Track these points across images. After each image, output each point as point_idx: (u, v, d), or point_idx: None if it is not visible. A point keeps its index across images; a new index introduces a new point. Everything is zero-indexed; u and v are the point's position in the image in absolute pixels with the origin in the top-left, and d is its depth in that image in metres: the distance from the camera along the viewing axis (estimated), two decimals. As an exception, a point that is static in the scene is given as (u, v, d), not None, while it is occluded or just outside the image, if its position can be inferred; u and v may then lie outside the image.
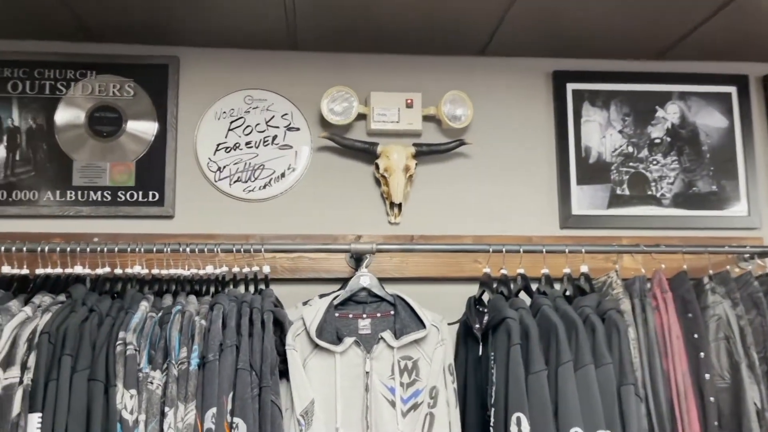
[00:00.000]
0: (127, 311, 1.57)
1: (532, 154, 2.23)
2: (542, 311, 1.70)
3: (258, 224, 2.07)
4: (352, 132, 2.16)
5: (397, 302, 1.79)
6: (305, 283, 2.03)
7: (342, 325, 1.78)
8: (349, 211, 2.12)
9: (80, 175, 2.01)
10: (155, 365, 1.49)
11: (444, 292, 2.08)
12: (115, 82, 2.06)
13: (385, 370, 1.72)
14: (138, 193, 2.02)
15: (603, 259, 2.10)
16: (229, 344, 1.50)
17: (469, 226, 2.16)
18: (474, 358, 1.83)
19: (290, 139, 2.12)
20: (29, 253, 1.70)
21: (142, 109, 2.06)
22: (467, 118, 2.14)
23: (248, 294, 1.68)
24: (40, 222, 1.98)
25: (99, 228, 1.99)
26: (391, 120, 2.11)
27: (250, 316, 1.57)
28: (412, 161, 2.09)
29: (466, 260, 2.08)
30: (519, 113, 2.24)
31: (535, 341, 1.62)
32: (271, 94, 2.13)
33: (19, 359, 1.46)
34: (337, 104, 2.08)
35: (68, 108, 2.04)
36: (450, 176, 2.19)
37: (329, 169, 2.14)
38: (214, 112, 2.10)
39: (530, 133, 2.24)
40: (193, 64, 2.12)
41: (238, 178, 2.07)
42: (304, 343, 1.72)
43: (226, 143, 2.09)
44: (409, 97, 2.13)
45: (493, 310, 1.74)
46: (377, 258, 2.05)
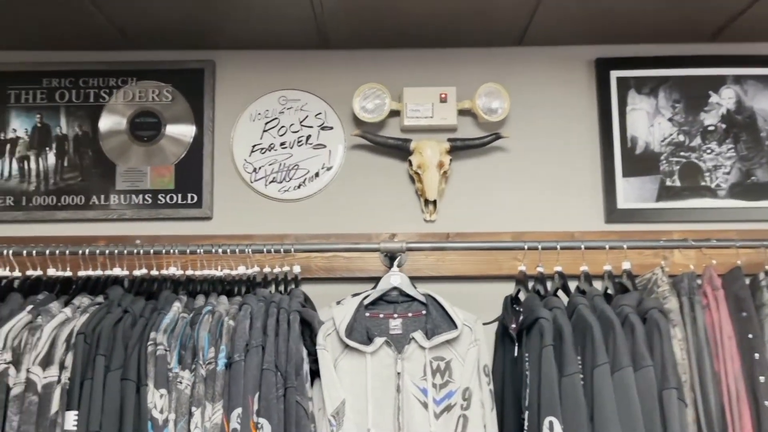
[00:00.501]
0: (160, 312, 1.61)
1: (574, 146, 2.14)
2: (578, 311, 1.63)
3: (293, 224, 2.08)
4: (385, 129, 2.13)
5: (429, 302, 1.76)
6: (340, 283, 2.02)
7: (373, 325, 1.76)
8: (384, 209, 2.10)
9: (123, 179, 2.07)
10: (185, 365, 1.52)
11: (481, 291, 2.04)
12: (154, 88, 2.12)
13: (416, 371, 1.69)
14: (177, 195, 2.06)
15: (651, 255, 1.99)
16: (255, 345, 1.51)
17: (508, 223, 2.10)
18: (511, 359, 1.78)
19: (324, 138, 2.12)
20: (72, 256, 1.76)
21: (180, 113, 2.11)
22: (504, 111, 2.08)
23: (277, 294, 1.69)
24: (86, 225, 2.06)
25: (141, 230, 2.05)
26: (425, 115, 2.07)
27: (277, 317, 1.58)
28: (447, 157, 2.05)
29: (505, 258, 2.02)
30: (559, 104, 2.16)
31: (568, 342, 1.55)
32: (304, 94, 2.14)
33: (58, 359, 1.51)
34: (369, 102, 2.06)
35: (111, 115, 2.11)
36: (487, 171, 2.13)
37: (363, 167, 2.12)
38: (249, 113, 2.12)
39: (571, 124, 2.15)
40: (228, 68, 2.15)
41: (274, 178, 2.09)
42: (335, 343, 1.71)
43: (261, 144, 2.10)
44: (443, 91, 2.08)
45: (527, 309, 1.69)
46: (412, 257, 2.02)
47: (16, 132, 2.09)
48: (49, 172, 2.07)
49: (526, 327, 1.66)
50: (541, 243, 1.78)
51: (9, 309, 1.61)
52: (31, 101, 2.10)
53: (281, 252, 1.76)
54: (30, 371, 1.49)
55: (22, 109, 2.10)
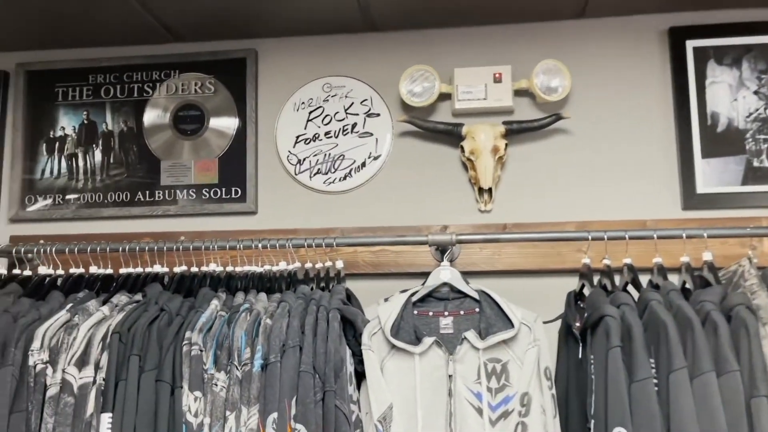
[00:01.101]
0: (197, 310, 1.54)
1: (645, 126, 1.94)
2: (650, 307, 1.44)
3: (339, 217, 1.98)
4: (435, 114, 2.00)
5: (482, 298, 1.62)
6: (388, 278, 1.91)
7: (421, 323, 1.64)
8: (436, 199, 1.97)
9: (167, 175, 2.03)
10: (220, 366, 1.44)
11: (542, 287, 1.88)
12: (196, 80, 2.06)
13: (470, 374, 1.56)
14: (221, 189, 2.00)
15: (737, 245, 1.79)
16: (292, 345, 1.41)
17: (572, 212, 1.92)
18: (575, 362, 1.61)
19: (370, 126, 2.00)
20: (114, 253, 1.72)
21: (223, 105, 2.04)
22: (564, 89, 1.90)
23: (317, 291, 1.59)
24: (131, 222, 2.03)
25: (186, 226, 2.00)
26: (478, 97, 1.92)
27: (316, 315, 1.48)
28: (502, 141, 1.89)
29: (568, 250, 1.86)
30: (627, 80, 1.96)
31: (639, 343, 1.37)
32: (349, 80, 2.03)
33: (94, 359, 1.47)
34: (417, 85, 1.93)
35: (154, 109, 2.07)
36: (547, 156, 1.96)
37: (413, 155, 1.99)
38: (293, 103, 2.03)
39: (642, 102, 1.95)
40: (271, 56, 2.07)
41: (318, 170, 1.99)
42: (381, 343, 1.60)
43: (306, 134, 2.01)
44: (497, 70, 1.93)
45: (590, 306, 1.52)
46: (466, 250, 1.89)
47: (64, 130, 2.08)
48: (96, 169, 2.05)
49: (590, 326, 1.49)
50: (608, 232, 1.60)
51: (49, 308, 1.58)
52: (78, 98, 2.09)
53: (323, 246, 1.66)
54: (66, 371, 1.45)
55: (70, 106, 2.09)
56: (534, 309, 1.68)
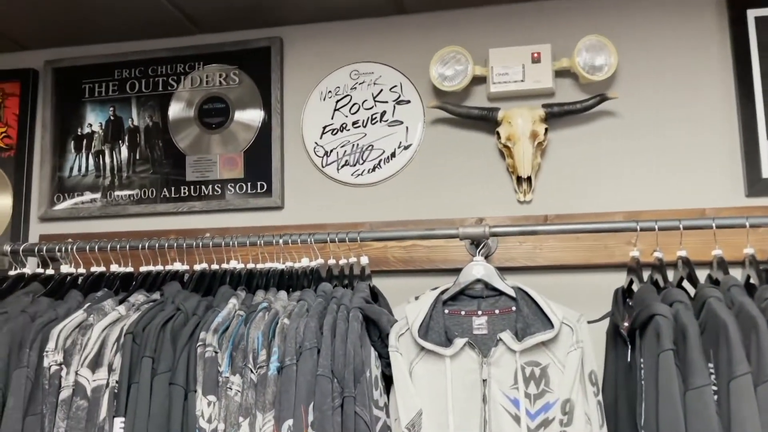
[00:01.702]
0: (215, 309, 1.46)
1: (702, 104, 1.76)
2: (708, 305, 1.28)
3: (368, 211, 1.88)
4: (470, 99, 1.87)
5: (519, 296, 1.49)
6: (420, 275, 1.80)
7: (453, 323, 1.51)
8: (471, 191, 1.84)
9: (193, 170, 1.97)
10: (236, 369, 1.36)
11: (589, 283, 1.74)
12: (221, 71, 1.99)
13: (506, 379, 1.43)
14: (246, 184, 1.93)
15: (810, 235, 1.59)
16: (309, 347, 1.31)
17: (621, 201, 1.76)
18: (624, 366, 1.46)
19: (400, 114, 1.89)
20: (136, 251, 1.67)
21: (248, 96, 1.97)
22: (610, 67, 1.74)
23: (339, 289, 1.48)
24: (157, 220, 1.97)
25: (211, 223, 1.94)
26: (515, 79, 1.78)
27: (336, 314, 1.37)
28: (541, 126, 1.74)
29: (616, 242, 1.70)
30: (680, 55, 1.78)
31: (694, 346, 1.22)
32: (378, 66, 1.92)
33: (107, 360, 1.41)
34: (449, 68, 1.81)
35: (179, 102, 2.01)
36: (592, 141, 1.80)
37: (446, 144, 1.87)
38: (320, 92, 1.94)
39: (698, 78, 1.77)
40: (296, 44, 1.98)
41: (346, 162, 1.89)
42: (409, 345, 1.48)
43: (333, 125, 1.91)
44: (536, 50, 1.78)
45: (639, 304, 1.36)
46: (503, 244, 1.75)
47: (91, 127, 2.05)
48: (123, 165, 2.01)
49: (639, 326, 1.34)
50: (659, 222, 1.44)
51: (66, 308, 1.54)
52: (104, 94, 2.05)
53: (346, 241, 1.55)
54: (78, 373, 1.40)
55: (97, 102, 2.06)
56: (579, 307, 1.54)
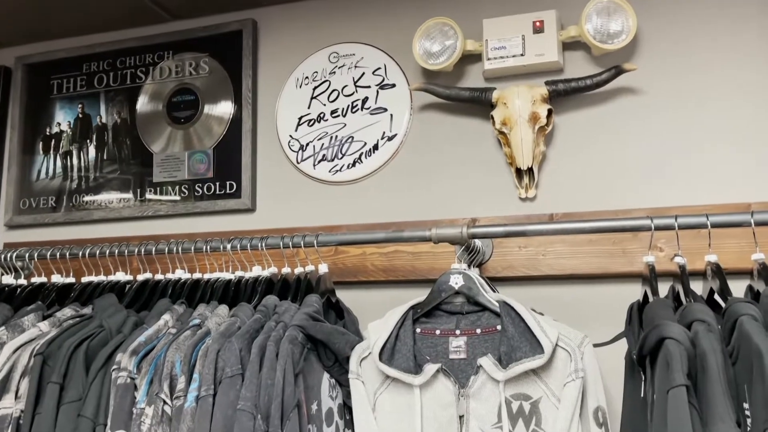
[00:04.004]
0: (144, 327, 1.25)
1: (744, 76, 1.43)
2: (740, 327, 0.97)
3: (348, 212, 1.63)
4: (465, 79, 1.60)
5: (503, 312, 1.20)
6: (404, 286, 1.54)
7: (426, 345, 1.25)
8: (467, 187, 1.57)
9: (160, 170, 1.78)
10: (152, 399, 1.13)
11: (604, 296, 1.44)
12: (190, 60, 1.80)
13: (488, 414, 1.16)
14: (215, 184, 1.72)
15: None
16: (230, 374, 1.08)
17: (644, 196, 1.45)
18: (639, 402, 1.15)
19: (384, 99, 1.64)
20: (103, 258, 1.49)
21: (219, 86, 1.76)
22: (629, 34, 1.44)
23: (284, 303, 1.24)
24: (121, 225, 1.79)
25: (177, 228, 1.74)
26: (513, 54, 1.50)
27: (270, 335, 1.14)
28: (543, 107, 1.46)
29: (636, 247, 1.39)
30: (712, 21, 1.46)
31: (716, 380, 0.91)
32: (359, 47, 1.68)
33: (14, 385, 1.22)
34: (436, 43, 1.55)
35: (147, 96, 1.83)
36: (608, 124, 1.50)
37: (437, 133, 1.60)
38: (295, 78, 1.71)
39: (737, 44, 1.44)
40: (271, 26, 1.77)
41: (323, 156, 1.66)
42: (373, 371, 1.23)
43: (309, 114, 1.68)
44: (537, 18, 1.50)
45: (649, 323, 1.06)
46: (500, 249, 1.48)
47: (60, 126, 1.90)
48: (90, 167, 1.85)
49: (649, 352, 1.04)
50: (680, 218, 1.13)
51: (-11, 323, 1.36)
52: (73, 90, 1.90)
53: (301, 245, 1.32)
54: (-18, 401, 1.21)
55: (65, 99, 1.90)
56: (592, 326, 1.28)
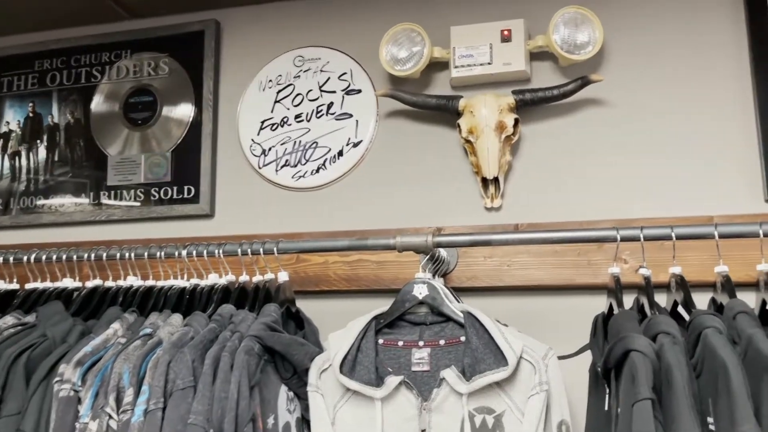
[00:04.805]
0: (91, 336, 1.18)
1: (710, 90, 1.44)
2: (704, 340, 0.96)
3: (310, 219, 1.59)
4: (432, 86, 1.58)
5: (468, 323, 1.17)
6: (368, 297, 1.50)
7: (388, 357, 1.21)
8: (432, 196, 1.54)
9: (115, 173, 1.71)
10: (96, 413, 1.07)
11: (570, 308, 1.42)
12: (149, 60, 1.74)
13: (451, 428, 1.13)
14: (172, 189, 1.66)
15: None
16: (182, 386, 1.02)
17: (611, 208, 1.44)
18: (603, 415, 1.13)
19: (350, 105, 1.60)
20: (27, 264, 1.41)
21: (179, 88, 1.71)
22: (595, 44, 1.43)
23: (241, 312, 1.19)
24: (72, 230, 1.71)
25: (132, 233, 1.67)
26: (480, 62, 1.49)
27: (225, 345, 1.08)
28: (510, 116, 1.44)
29: (602, 258, 1.38)
30: (682, 28, 1.47)
31: (681, 394, 0.89)
32: (325, 51, 1.64)
33: (-54, 400, 1.13)
34: (403, 49, 1.52)
35: (103, 96, 1.76)
36: (574, 135, 1.49)
37: (403, 140, 1.58)
38: (259, 81, 1.67)
39: (704, 57, 1.45)
40: (235, 27, 1.72)
41: (286, 162, 1.61)
42: (333, 384, 1.19)
43: (272, 119, 1.64)
44: (505, 26, 1.49)
45: (613, 335, 1.04)
46: (465, 259, 1.45)
47: (9, 125, 1.82)
48: (40, 168, 1.76)
49: (614, 364, 1.02)
50: (645, 229, 1.12)
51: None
52: (23, 87, 1.81)
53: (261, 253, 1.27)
54: None
55: (16, 97, 1.82)
56: (557, 338, 1.25)
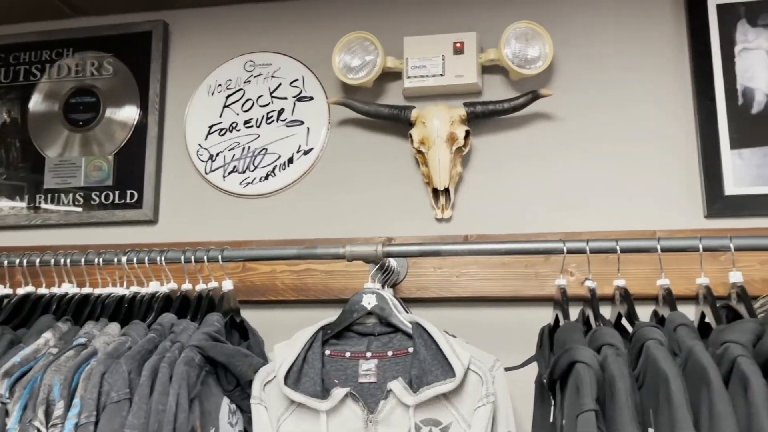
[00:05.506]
0: (21, 346, 1.12)
1: (654, 106, 1.48)
2: (646, 351, 0.97)
3: (259, 227, 1.56)
4: (385, 96, 1.57)
5: (416, 333, 1.16)
6: (316, 307, 1.48)
7: (335, 368, 1.19)
8: (383, 205, 1.53)
9: (53, 175, 1.64)
10: (24, 427, 1.01)
11: (517, 319, 1.42)
12: (93, 59, 1.68)
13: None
14: (114, 193, 1.60)
15: (784, 265, 1.30)
16: (116, 399, 0.98)
17: (558, 221, 1.46)
18: (548, 427, 1.14)
19: (301, 112, 1.58)
20: None
21: (123, 89, 1.65)
22: (545, 60, 1.46)
23: (182, 322, 1.15)
24: (5, 235, 1.64)
25: (70, 239, 1.60)
26: (433, 73, 1.49)
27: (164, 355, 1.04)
28: (461, 128, 1.45)
29: (549, 270, 1.39)
30: (629, 48, 1.50)
31: (624, 405, 0.90)
32: (277, 57, 1.62)
33: None
34: (356, 57, 1.51)
35: (42, 95, 1.69)
36: (523, 148, 1.51)
37: (354, 149, 1.56)
38: (208, 85, 1.63)
39: (648, 75, 1.49)
40: (184, 29, 1.68)
41: (234, 168, 1.58)
42: (277, 396, 1.16)
43: (221, 124, 1.60)
44: (458, 39, 1.49)
45: (559, 347, 1.05)
46: (415, 270, 1.45)
47: (-60, 123, 1.73)
48: (-27, 170, 1.68)
49: (559, 376, 1.02)
50: (591, 242, 1.13)
51: None
52: (-42, 85, 1.73)
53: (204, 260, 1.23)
54: None
55: (-50, 95, 1.73)
56: (504, 349, 1.25)
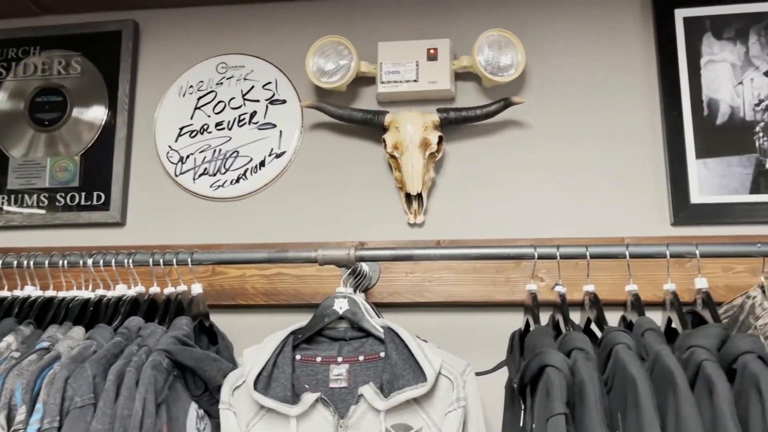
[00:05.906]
0: (-20, 350, 1.09)
1: (622, 115, 1.50)
2: (615, 356, 0.98)
3: (229, 230, 1.54)
4: (358, 101, 1.57)
5: (388, 338, 1.16)
6: (287, 311, 1.47)
7: (305, 373, 1.18)
8: (356, 210, 1.53)
9: (16, 176, 1.60)
10: (-17, 433, 0.98)
11: (488, 324, 1.43)
12: (60, 58, 1.65)
13: (368, 446, 1.10)
14: (80, 194, 1.57)
15: (746, 271, 1.34)
16: (80, 404, 0.95)
17: (529, 226, 1.47)
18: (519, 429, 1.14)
19: (273, 115, 1.57)
20: None
21: (91, 89, 1.63)
22: (517, 68, 1.47)
23: (150, 325, 1.13)
24: (-35, 235, 1.60)
25: (34, 241, 1.57)
26: (407, 79, 1.50)
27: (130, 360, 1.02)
28: (434, 134, 1.45)
29: (519, 276, 1.40)
30: (599, 58, 1.53)
31: (593, 409, 0.91)
32: (250, 59, 1.61)
33: None
34: (330, 61, 1.51)
35: (7, 93, 1.66)
36: (495, 154, 1.52)
37: (327, 153, 1.56)
38: (179, 86, 1.61)
39: (617, 84, 1.52)
40: (155, 30, 1.66)
41: (204, 170, 1.56)
42: (246, 401, 1.14)
43: (192, 125, 1.59)
44: (432, 45, 1.50)
45: (530, 351, 1.05)
46: (387, 275, 1.44)
47: None
48: (-66, 170, 1.63)
49: (530, 380, 1.03)
50: (561, 248, 1.15)
51: None
52: None
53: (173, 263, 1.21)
54: None
55: None
56: (475, 354, 1.25)
